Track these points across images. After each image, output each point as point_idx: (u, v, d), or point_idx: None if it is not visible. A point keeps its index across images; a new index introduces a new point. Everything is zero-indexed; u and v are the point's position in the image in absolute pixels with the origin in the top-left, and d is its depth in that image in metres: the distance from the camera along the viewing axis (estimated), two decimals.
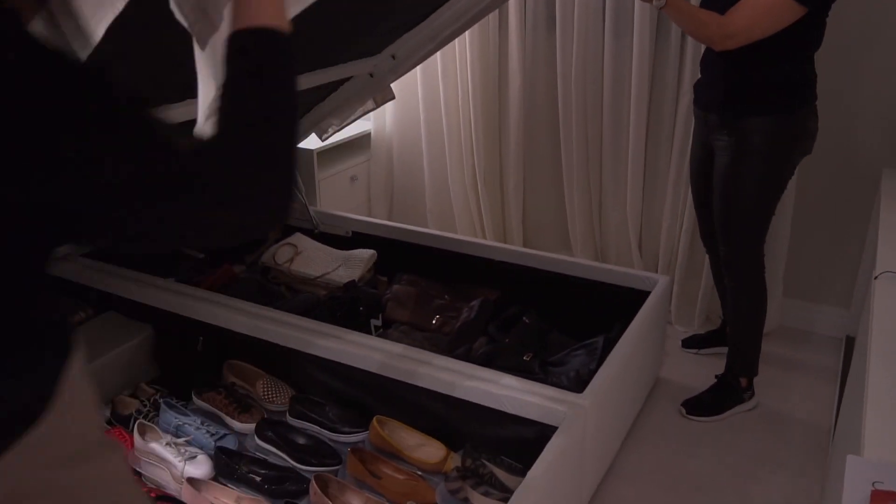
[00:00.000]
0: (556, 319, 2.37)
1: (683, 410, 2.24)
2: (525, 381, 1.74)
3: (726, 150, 1.99)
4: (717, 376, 2.29)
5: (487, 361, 2.14)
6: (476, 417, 1.77)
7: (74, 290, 2.35)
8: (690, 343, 2.58)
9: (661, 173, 2.67)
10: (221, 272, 2.52)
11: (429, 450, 1.81)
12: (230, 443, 1.82)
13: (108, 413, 2.05)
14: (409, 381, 1.82)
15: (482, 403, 1.74)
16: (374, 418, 1.83)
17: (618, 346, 1.91)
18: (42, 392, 0.72)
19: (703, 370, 2.45)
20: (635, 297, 2.26)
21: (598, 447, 1.84)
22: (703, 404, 2.25)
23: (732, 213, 2.03)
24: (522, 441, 1.73)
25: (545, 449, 1.54)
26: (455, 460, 1.76)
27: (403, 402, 1.86)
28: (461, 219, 3.08)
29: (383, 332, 2.36)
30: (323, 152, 2.95)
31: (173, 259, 2.68)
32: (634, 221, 2.73)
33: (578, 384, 1.93)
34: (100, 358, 2.07)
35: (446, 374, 1.78)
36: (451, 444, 1.82)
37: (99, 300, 2.32)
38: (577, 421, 1.63)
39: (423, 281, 2.60)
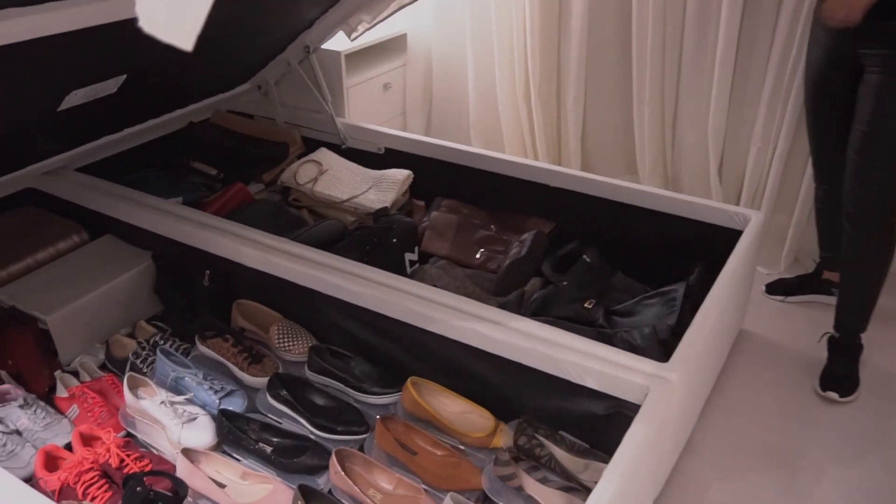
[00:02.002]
0: (620, 258, 2.02)
1: (819, 388, 1.86)
2: (596, 344, 1.41)
3: (879, 63, 1.57)
4: (830, 340, 1.91)
5: (541, 308, 1.82)
6: (532, 384, 1.45)
7: (67, 210, 2.05)
8: (776, 289, 2.21)
9: (754, 84, 2.23)
10: (234, 192, 2.19)
11: (474, 419, 1.50)
12: (237, 402, 1.53)
13: (101, 356, 1.78)
14: (451, 336, 1.50)
15: (540, 369, 1.41)
16: (409, 379, 1.52)
17: (708, 300, 1.55)
18: None
19: (790, 322, 2.09)
20: (718, 235, 1.89)
21: (681, 424, 1.52)
22: (838, 378, 1.87)
23: (877, 140, 1.62)
24: (588, 416, 1.42)
25: (626, 437, 1.22)
26: (506, 435, 1.45)
27: (443, 361, 1.54)
28: (510, 136, 2.69)
29: (419, 267, 2.03)
30: (352, 55, 2.56)
31: (183, 175, 2.35)
32: (716, 142, 2.31)
33: (655, 344, 1.59)
34: (94, 289, 1.78)
35: (497, 329, 1.46)
36: (500, 413, 1.51)
37: (95, 222, 2.02)
38: (663, 398, 1.30)
39: (465, 207, 2.26)
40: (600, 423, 1.41)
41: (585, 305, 1.82)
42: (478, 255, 2.13)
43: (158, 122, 2.35)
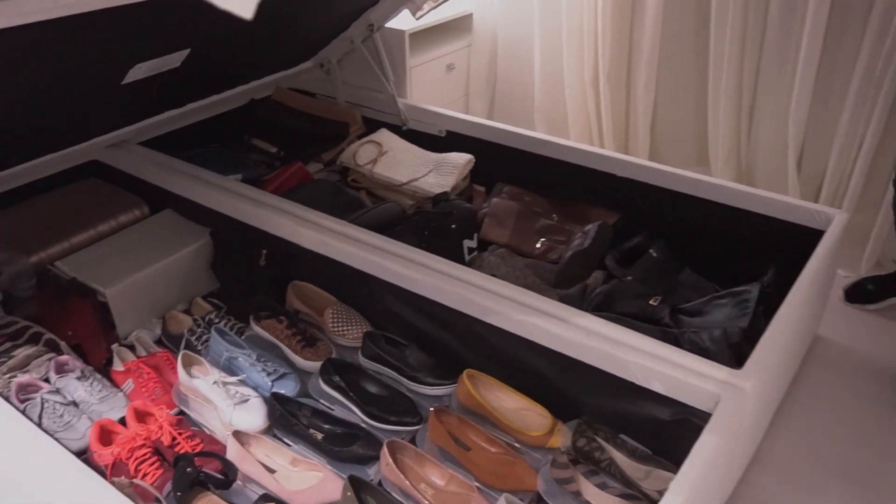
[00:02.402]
0: (687, 254, 1.92)
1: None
2: (665, 346, 1.33)
3: None
4: None
5: (604, 303, 1.74)
6: (593, 383, 1.38)
7: (129, 183, 2.06)
8: (856, 295, 2.08)
9: (842, 75, 2.09)
10: (293, 171, 2.17)
11: (530, 417, 1.45)
12: (289, 386, 1.51)
13: (157, 331, 1.78)
14: (510, 330, 1.44)
15: (604, 369, 1.35)
16: (465, 372, 1.47)
17: (786, 304, 1.45)
18: None
19: (869, 329, 1.97)
20: (795, 234, 1.78)
21: (753, 434, 1.44)
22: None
23: None
24: (651, 420, 1.34)
25: (696, 448, 1.14)
26: (563, 435, 1.39)
27: (501, 354, 1.49)
28: (575, 121, 2.60)
29: (477, 254, 1.98)
30: (416, 34, 2.50)
31: (243, 152, 2.34)
32: (796, 135, 2.19)
33: (726, 347, 1.51)
34: (153, 264, 1.78)
35: (560, 325, 1.39)
36: (558, 411, 1.45)
37: (155, 196, 2.02)
38: (736, 408, 1.21)
39: (526, 195, 2.19)
40: (664, 429, 1.34)
41: (650, 302, 1.73)
42: (538, 245, 2.07)
43: (220, 98, 2.35)
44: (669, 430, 1.33)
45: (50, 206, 1.98)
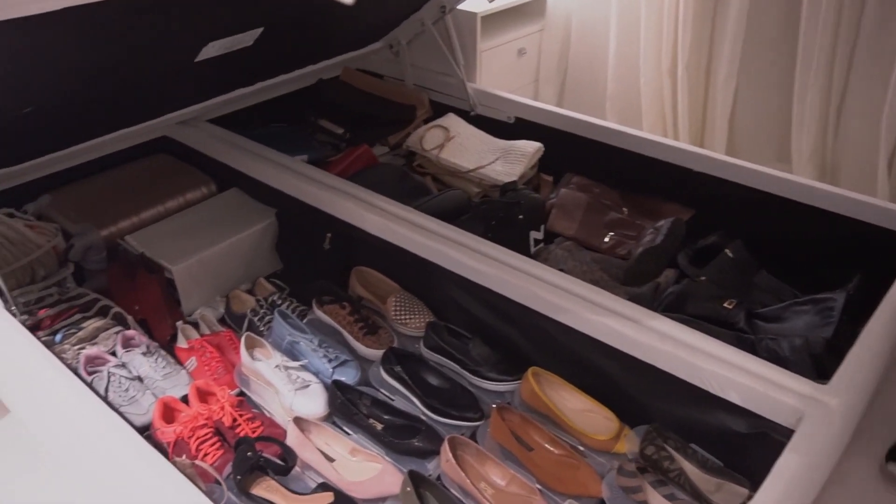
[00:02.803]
0: (764, 256, 1.83)
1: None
2: (744, 355, 1.26)
3: None
4: None
5: (675, 304, 1.67)
6: (664, 389, 1.33)
7: (198, 160, 2.07)
8: None
9: None
10: (359, 154, 2.15)
11: (596, 420, 1.40)
12: (350, 373, 1.49)
13: (221, 309, 1.79)
14: (579, 329, 1.39)
15: (677, 375, 1.29)
16: (530, 369, 1.43)
17: (879, 314, 1.36)
18: None
19: None
20: (883, 238, 1.68)
21: (835, 455, 1.36)
22: None
23: None
24: (725, 432, 1.28)
25: (777, 467, 1.08)
26: (630, 441, 1.34)
27: (568, 353, 1.44)
28: (649, 112, 2.51)
29: (543, 246, 1.93)
30: (488, 17, 2.44)
31: (310, 132, 2.33)
32: (889, 134, 2.06)
33: (807, 357, 1.43)
34: (219, 243, 1.78)
35: (632, 327, 1.33)
36: (625, 415, 1.40)
37: (222, 174, 2.03)
38: (821, 426, 1.14)
39: (596, 186, 2.12)
40: (739, 442, 1.27)
41: (725, 305, 1.66)
42: (606, 239, 2.00)
43: (289, 78, 2.34)
44: (744, 444, 1.26)
45: (121, 181, 2.01)
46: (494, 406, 1.38)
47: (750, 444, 1.25)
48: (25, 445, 1.64)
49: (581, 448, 1.37)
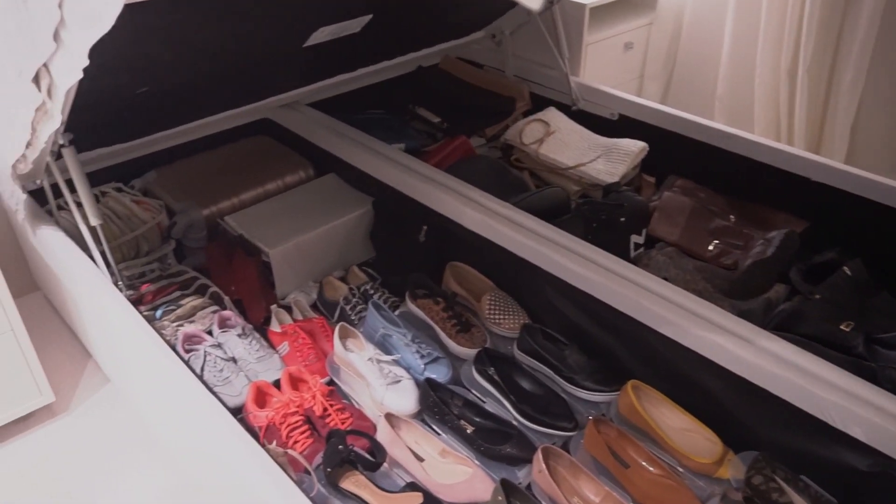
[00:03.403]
0: (886, 276, 1.70)
1: None
2: (870, 387, 1.17)
3: None
4: None
5: (787, 322, 1.57)
6: (776, 416, 1.24)
7: (296, 143, 2.08)
8: None
9: None
10: (457, 145, 2.11)
11: (697, 440, 1.32)
12: (441, 371, 1.47)
13: (314, 295, 1.79)
14: (686, 344, 1.32)
15: (793, 403, 1.20)
16: (629, 382, 1.37)
17: None
18: None
19: None
20: None
21: None
22: None
23: None
24: (842, 468, 1.19)
25: None
26: (735, 467, 1.26)
27: (670, 368, 1.37)
28: (763, 114, 2.37)
29: (643, 251, 1.85)
30: (597, 9, 2.36)
31: (407, 120, 2.31)
32: None
33: None
34: (316, 228, 1.78)
35: (744, 346, 1.26)
36: (728, 439, 1.32)
37: (320, 159, 2.03)
38: None
39: (701, 191, 2.02)
40: (857, 479, 1.18)
41: (842, 327, 1.54)
42: (711, 247, 1.90)
43: (390, 64, 2.32)
44: (863, 482, 1.17)
45: (222, 161, 2.04)
46: (591, 417, 1.33)
47: (870, 483, 1.16)
48: (125, 415, 1.69)
49: (680, 469, 1.30)
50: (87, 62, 0.92)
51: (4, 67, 1.15)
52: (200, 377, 1.50)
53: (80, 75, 0.95)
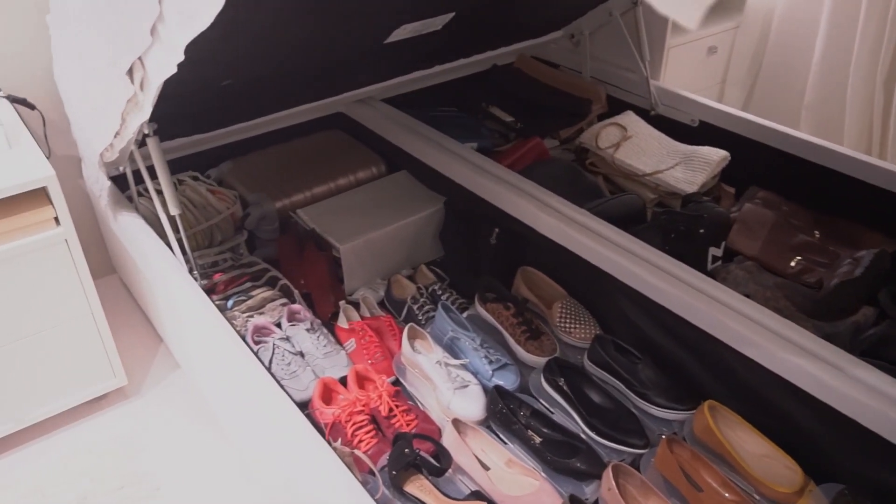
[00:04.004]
0: None
1: None
2: None
3: None
4: None
5: (876, 348, 1.49)
6: (863, 448, 1.18)
7: (369, 138, 2.08)
8: None
9: None
10: (531, 146, 2.08)
11: (776, 468, 1.26)
12: (510, 378, 1.44)
13: (381, 292, 1.79)
14: (769, 367, 1.26)
15: (885, 436, 1.13)
16: (706, 402, 1.32)
17: None
18: None
19: None
20: None
21: None
22: None
23: None
24: None
25: None
26: (816, 499, 1.20)
27: (749, 390, 1.31)
28: (853, 126, 2.26)
29: (722, 265, 1.78)
30: None
31: (480, 119, 2.29)
32: None
33: None
34: (386, 225, 1.78)
35: (833, 373, 1.19)
36: (809, 468, 1.25)
37: (392, 155, 2.03)
38: None
39: (784, 204, 1.94)
40: None
41: None
42: (793, 263, 1.82)
43: (466, 62, 2.30)
44: None
45: (296, 154, 2.05)
46: (663, 436, 1.28)
47: None
48: (193, 401, 1.71)
49: (757, 497, 1.24)
50: (182, 58, 0.93)
51: (97, 58, 1.17)
52: (269, 369, 1.51)
53: (174, 70, 0.96)
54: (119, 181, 1.76)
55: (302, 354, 1.56)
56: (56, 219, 1.41)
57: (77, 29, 1.22)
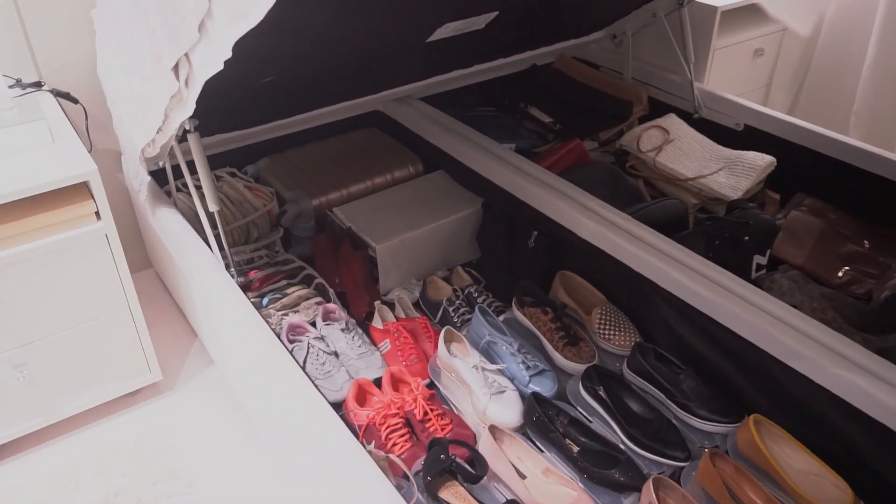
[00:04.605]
0: None
1: None
2: None
3: None
4: None
5: None
6: None
7: (406, 137, 2.06)
8: None
9: None
10: (570, 148, 2.04)
11: (824, 487, 1.22)
12: (547, 384, 1.41)
13: (416, 293, 1.77)
14: (819, 382, 1.22)
15: None
16: (751, 416, 1.28)
17: None
18: None
19: None
20: None
21: None
22: None
23: None
24: None
25: None
26: None
27: (797, 404, 1.27)
28: None
29: (766, 273, 1.73)
30: (728, 12, 2.23)
31: (518, 119, 2.26)
32: None
33: None
34: (423, 226, 1.76)
35: (883, 389, 1.15)
36: (859, 488, 1.21)
37: (429, 155, 2.01)
38: None
39: (832, 212, 1.88)
40: None
41: None
42: (840, 273, 1.77)
43: (506, 62, 2.27)
44: None
45: (333, 152, 2.04)
46: (706, 449, 1.25)
47: None
48: (226, 398, 1.71)
49: None
50: (229, 55, 0.92)
51: (142, 54, 1.16)
52: (303, 369, 1.50)
53: (221, 67, 0.95)
54: (157, 176, 1.77)
55: (336, 354, 1.55)
56: (97, 213, 1.42)
57: (122, 24, 1.22)
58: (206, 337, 1.80)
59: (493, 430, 1.28)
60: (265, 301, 1.65)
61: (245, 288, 1.68)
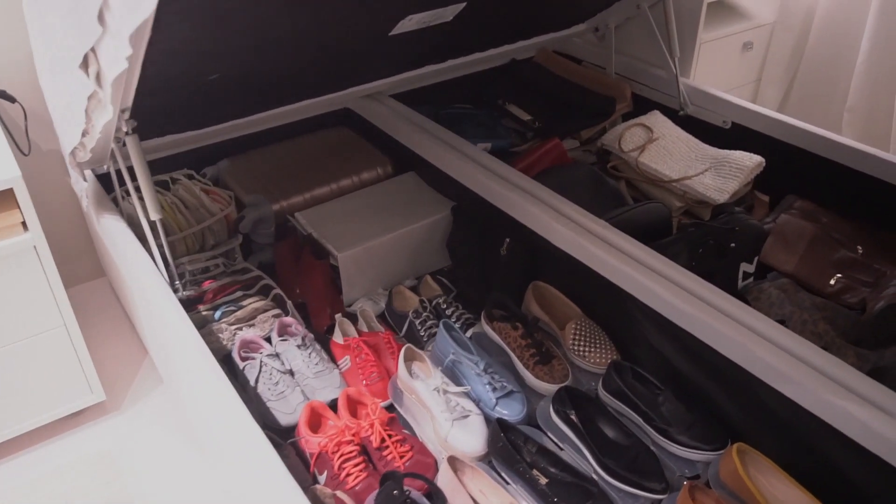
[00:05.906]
0: None
1: None
2: None
3: None
4: None
5: None
6: None
7: (377, 136, 1.95)
8: None
9: None
10: (549, 149, 1.93)
11: None
12: (515, 407, 1.30)
13: (382, 304, 1.66)
14: (803, 404, 1.11)
15: None
16: (735, 445, 1.17)
17: None
18: None
19: None
20: None
21: None
22: None
23: None
24: None
25: None
26: None
27: (784, 430, 1.17)
28: None
29: (754, 282, 1.63)
30: (715, 4, 2.12)
31: (496, 117, 2.15)
32: None
33: None
34: (389, 233, 1.65)
35: (880, 418, 1.04)
36: None
37: (400, 154, 1.89)
38: None
39: (824, 215, 1.78)
40: None
41: None
42: (832, 281, 1.67)
43: (482, 57, 2.16)
44: None
45: (298, 153, 1.93)
46: (685, 481, 1.14)
47: None
48: (174, 419, 1.60)
49: None
50: (130, 51, 0.80)
51: (61, 47, 1.05)
52: (255, 388, 1.39)
53: (126, 65, 0.83)
54: (107, 180, 1.65)
55: (292, 373, 1.44)
56: (24, 223, 1.30)
57: (43, 14, 1.10)
58: (154, 353, 1.69)
59: (453, 461, 1.17)
60: (218, 314, 1.54)
61: (198, 300, 1.57)
